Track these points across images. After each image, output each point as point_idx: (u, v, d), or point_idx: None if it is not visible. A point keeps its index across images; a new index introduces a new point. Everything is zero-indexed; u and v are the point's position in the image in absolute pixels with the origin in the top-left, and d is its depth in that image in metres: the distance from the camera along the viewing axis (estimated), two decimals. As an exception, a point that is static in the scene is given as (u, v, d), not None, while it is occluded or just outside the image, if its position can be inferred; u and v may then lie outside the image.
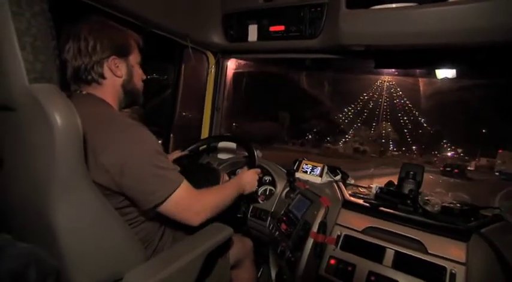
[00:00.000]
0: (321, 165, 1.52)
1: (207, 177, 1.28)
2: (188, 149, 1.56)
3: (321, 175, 1.48)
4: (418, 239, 0.95)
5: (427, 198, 1.21)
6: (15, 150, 0.70)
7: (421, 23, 1.01)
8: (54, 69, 0.64)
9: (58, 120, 0.59)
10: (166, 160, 0.85)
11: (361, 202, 1.18)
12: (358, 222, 1.07)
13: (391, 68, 1.73)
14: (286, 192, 1.50)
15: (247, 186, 1.20)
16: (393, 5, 1.04)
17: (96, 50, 0.86)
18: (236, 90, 2.26)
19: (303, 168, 1.55)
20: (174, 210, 0.85)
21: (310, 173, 1.51)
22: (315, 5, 1.32)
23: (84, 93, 0.89)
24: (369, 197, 1.26)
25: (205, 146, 1.82)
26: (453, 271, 0.84)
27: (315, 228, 1.10)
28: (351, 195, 1.26)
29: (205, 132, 2.00)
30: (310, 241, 1.09)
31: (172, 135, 1.92)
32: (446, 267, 0.86)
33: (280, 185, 1.56)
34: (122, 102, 0.97)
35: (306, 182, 1.46)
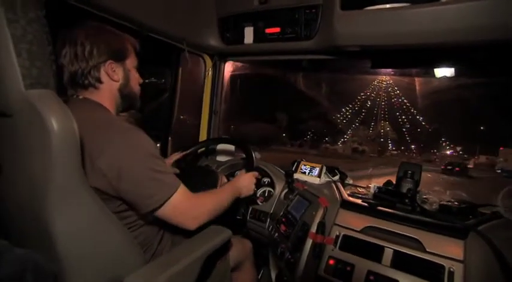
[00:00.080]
0: (319, 165, 1.52)
1: (205, 180, 1.28)
2: (186, 152, 1.56)
3: (319, 176, 1.48)
4: (416, 237, 0.95)
5: (425, 196, 1.21)
6: (12, 156, 0.70)
7: (415, 22, 1.02)
8: (51, 74, 0.64)
9: (55, 125, 0.59)
10: (163, 164, 0.85)
11: (359, 202, 1.18)
12: (357, 222, 1.07)
13: (388, 68, 1.73)
14: (285, 194, 1.50)
15: (244, 190, 1.20)
16: (387, 6, 1.05)
17: (92, 54, 0.86)
18: (234, 93, 2.26)
19: (301, 169, 1.55)
20: (172, 214, 0.85)
21: (308, 173, 1.52)
22: (309, 7, 1.33)
23: (81, 97, 0.89)
24: (367, 197, 1.26)
25: (204, 148, 1.83)
26: (451, 269, 0.84)
27: (314, 229, 1.10)
28: (349, 195, 1.26)
29: (203, 135, 2.00)
30: (309, 242, 1.09)
31: (170, 139, 1.91)
32: (445, 265, 0.86)
33: (279, 187, 1.56)
34: (119, 106, 0.97)
35: (304, 182, 1.46)
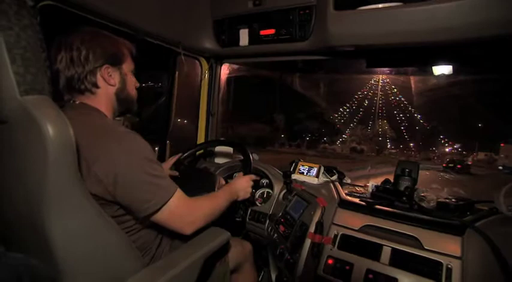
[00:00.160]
0: (317, 166, 1.53)
1: (203, 182, 1.28)
2: (185, 155, 1.56)
3: (317, 176, 1.49)
4: (414, 235, 0.96)
5: (423, 194, 1.22)
6: (8, 163, 0.70)
7: (408, 21, 1.03)
8: (46, 80, 0.64)
9: (50, 131, 0.59)
10: (159, 168, 0.85)
11: (357, 201, 1.18)
12: (355, 221, 1.08)
13: (383, 67, 1.74)
14: (284, 194, 1.51)
15: (241, 193, 1.20)
16: (379, 5, 1.06)
17: (88, 59, 0.85)
18: (231, 95, 2.27)
19: (299, 169, 1.56)
20: (169, 218, 0.85)
21: (306, 174, 1.52)
22: (303, 8, 1.34)
23: (77, 102, 0.89)
24: (365, 196, 1.27)
25: (202, 150, 1.83)
26: (449, 266, 0.85)
27: (312, 229, 1.10)
28: (347, 195, 1.27)
29: (201, 138, 2.01)
30: (308, 242, 1.09)
31: (168, 142, 1.91)
32: (442, 262, 0.86)
33: (278, 187, 1.56)
34: (116, 110, 0.97)
35: (302, 183, 1.47)
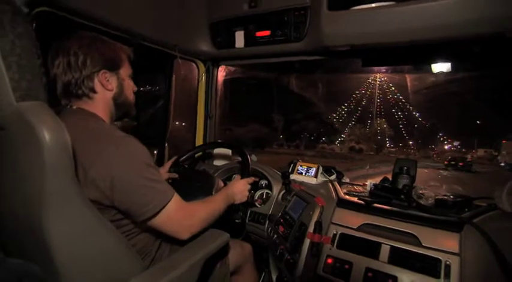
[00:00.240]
0: (316, 166, 1.53)
1: (202, 184, 1.28)
2: (183, 158, 1.57)
3: (316, 176, 1.49)
4: (413, 232, 0.96)
5: (421, 192, 1.22)
6: (5, 168, 0.70)
7: (401, 20, 1.04)
8: (41, 86, 0.64)
9: (46, 136, 0.59)
10: (156, 172, 0.85)
11: (355, 200, 1.18)
12: (353, 219, 1.08)
13: (379, 65, 1.75)
14: (283, 195, 1.51)
15: (238, 196, 1.19)
16: (373, 5, 1.06)
17: (86, 64, 0.85)
18: (229, 97, 2.27)
19: (298, 170, 1.56)
20: (166, 223, 0.85)
21: (305, 174, 1.53)
22: (298, 9, 1.35)
23: (74, 108, 0.89)
24: (363, 194, 1.27)
25: (201, 153, 1.83)
26: (448, 262, 0.85)
27: (311, 229, 1.11)
28: (345, 194, 1.27)
29: (200, 140, 2.01)
30: (307, 242, 1.09)
31: (167, 145, 1.92)
32: (441, 258, 0.87)
33: (276, 188, 1.56)
34: (114, 115, 0.97)
35: (301, 183, 1.47)
